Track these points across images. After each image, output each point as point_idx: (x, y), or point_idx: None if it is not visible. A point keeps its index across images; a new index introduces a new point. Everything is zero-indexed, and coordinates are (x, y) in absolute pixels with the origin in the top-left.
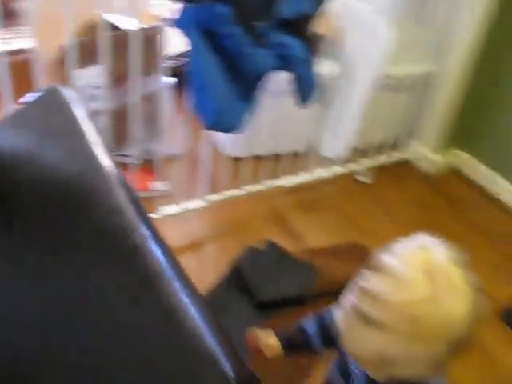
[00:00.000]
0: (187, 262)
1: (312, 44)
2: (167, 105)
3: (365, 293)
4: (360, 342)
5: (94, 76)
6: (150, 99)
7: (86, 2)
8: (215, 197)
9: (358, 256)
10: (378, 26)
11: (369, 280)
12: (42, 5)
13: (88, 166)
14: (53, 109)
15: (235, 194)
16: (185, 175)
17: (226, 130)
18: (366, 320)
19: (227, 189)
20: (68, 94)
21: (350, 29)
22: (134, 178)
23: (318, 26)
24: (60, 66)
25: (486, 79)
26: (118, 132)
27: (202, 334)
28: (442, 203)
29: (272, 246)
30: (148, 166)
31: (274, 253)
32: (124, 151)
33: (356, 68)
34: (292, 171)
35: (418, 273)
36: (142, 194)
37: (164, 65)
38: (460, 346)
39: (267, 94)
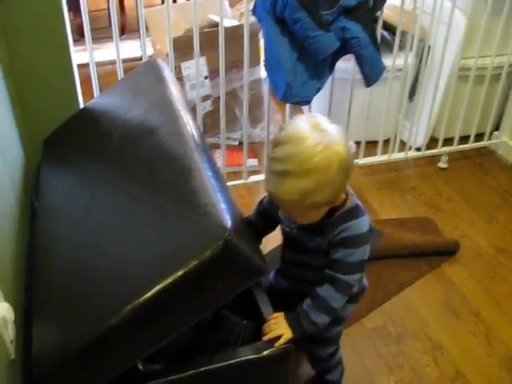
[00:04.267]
0: None
1: (374, 29)
2: (265, 95)
3: (273, 159)
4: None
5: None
6: (250, 88)
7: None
8: None
9: (425, 227)
10: (454, 17)
11: (274, 151)
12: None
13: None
14: (148, 74)
15: None
16: None
17: (297, 102)
18: (282, 174)
19: None
20: (162, 63)
21: (426, 20)
22: (232, 156)
23: (394, 19)
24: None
25: None
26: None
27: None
28: None
29: None
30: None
31: None
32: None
33: (434, 59)
34: (372, 154)
35: (306, 129)
36: (237, 169)
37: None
38: (349, 171)
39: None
